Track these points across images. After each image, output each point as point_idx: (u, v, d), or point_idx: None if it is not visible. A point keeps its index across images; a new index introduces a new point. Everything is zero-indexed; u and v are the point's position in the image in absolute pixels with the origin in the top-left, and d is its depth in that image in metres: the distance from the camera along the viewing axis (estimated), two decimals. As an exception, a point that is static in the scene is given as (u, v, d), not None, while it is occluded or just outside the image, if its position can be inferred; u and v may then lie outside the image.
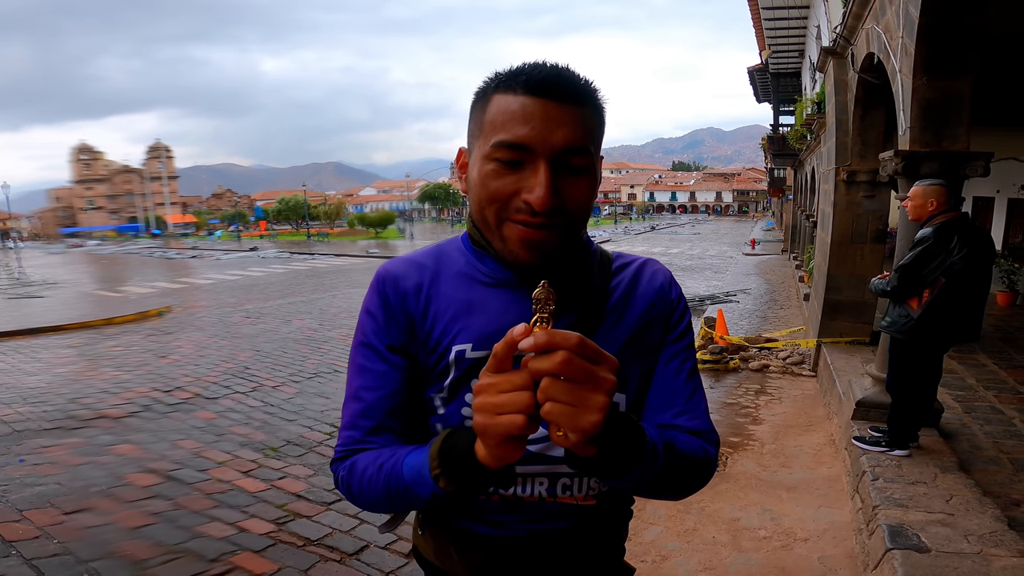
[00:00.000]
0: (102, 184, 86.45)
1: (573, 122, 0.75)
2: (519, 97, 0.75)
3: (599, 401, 0.59)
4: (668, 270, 0.97)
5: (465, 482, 0.72)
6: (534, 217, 0.76)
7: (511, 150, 0.75)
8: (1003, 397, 4.66)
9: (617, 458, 0.68)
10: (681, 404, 0.90)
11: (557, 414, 0.59)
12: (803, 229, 14.89)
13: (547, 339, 0.58)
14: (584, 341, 0.59)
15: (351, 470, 0.85)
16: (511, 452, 0.65)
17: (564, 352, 0.58)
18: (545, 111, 0.74)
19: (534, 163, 0.75)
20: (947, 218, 3.18)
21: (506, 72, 0.78)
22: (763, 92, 22.59)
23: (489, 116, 0.78)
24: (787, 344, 7.09)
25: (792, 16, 14.14)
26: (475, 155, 0.81)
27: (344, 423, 0.89)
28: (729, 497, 3.57)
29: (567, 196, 0.77)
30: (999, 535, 2.54)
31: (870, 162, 5.60)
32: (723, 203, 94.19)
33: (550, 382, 0.58)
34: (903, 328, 3.28)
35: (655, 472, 0.74)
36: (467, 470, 0.70)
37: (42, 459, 4.35)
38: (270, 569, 2.96)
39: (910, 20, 3.54)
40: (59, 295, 15.02)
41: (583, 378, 0.58)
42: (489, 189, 0.78)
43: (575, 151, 0.76)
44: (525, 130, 0.74)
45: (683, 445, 0.83)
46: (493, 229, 0.81)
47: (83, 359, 7.87)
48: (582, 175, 0.78)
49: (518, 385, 0.60)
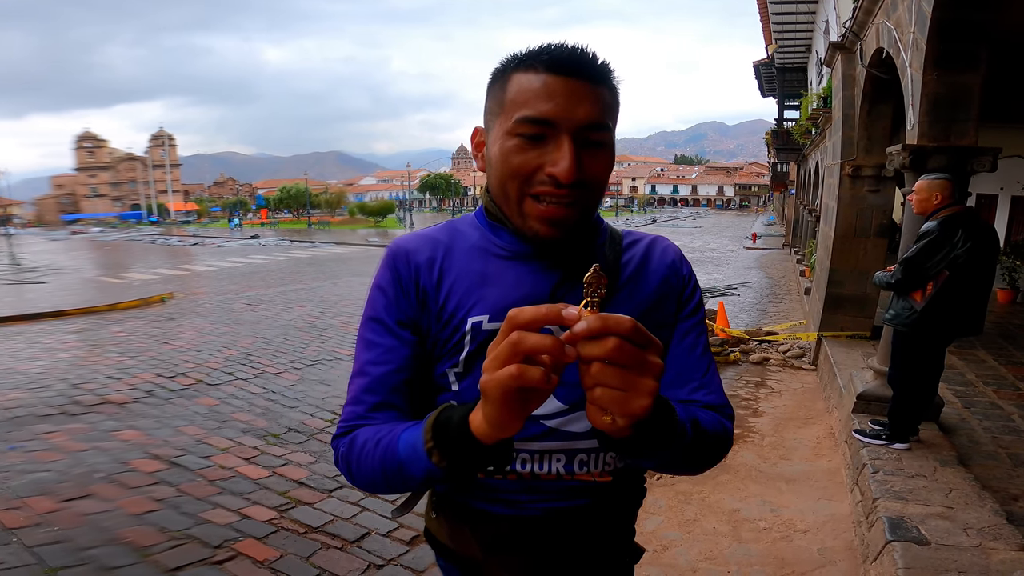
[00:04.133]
0: (105, 172, 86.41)
1: (593, 99, 0.78)
2: (541, 75, 0.77)
3: (649, 386, 0.58)
4: (677, 247, 0.99)
5: (459, 457, 0.69)
6: (559, 189, 0.77)
7: (535, 125, 0.77)
8: (1002, 393, 4.67)
9: (651, 438, 0.68)
10: (698, 379, 0.91)
11: (608, 400, 0.57)
12: (805, 224, 14.88)
13: (601, 324, 0.56)
14: (636, 326, 0.57)
15: (351, 445, 0.83)
16: (511, 417, 0.61)
17: (616, 339, 0.56)
18: (567, 88, 0.76)
19: (557, 138, 0.77)
20: (952, 212, 3.18)
21: (526, 52, 0.80)
22: (768, 86, 22.47)
23: (510, 94, 0.79)
24: (787, 337, 7.11)
25: (800, 11, 14.04)
26: (495, 132, 0.82)
27: (349, 398, 0.88)
28: (729, 488, 3.59)
29: (588, 170, 0.79)
30: (998, 529, 2.56)
31: (875, 157, 5.59)
32: (725, 197, 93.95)
33: (601, 368, 0.57)
34: (906, 321, 3.29)
35: (682, 450, 0.75)
36: (461, 444, 0.67)
37: (44, 445, 4.37)
38: (272, 556, 2.98)
39: (922, 15, 3.52)
40: (61, 281, 15.03)
41: (633, 363, 0.57)
42: (512, 164, 0.79)
43: (596, 127, 0.78)
44: (549, 106, 0.76)
45: (705, 422, 0.84)
46: (514, 204, 0.82)
47: (87, 344, 7.88)
48: (602, 150, 0.81)
49: (518, 341, 0.57)
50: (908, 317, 3.28)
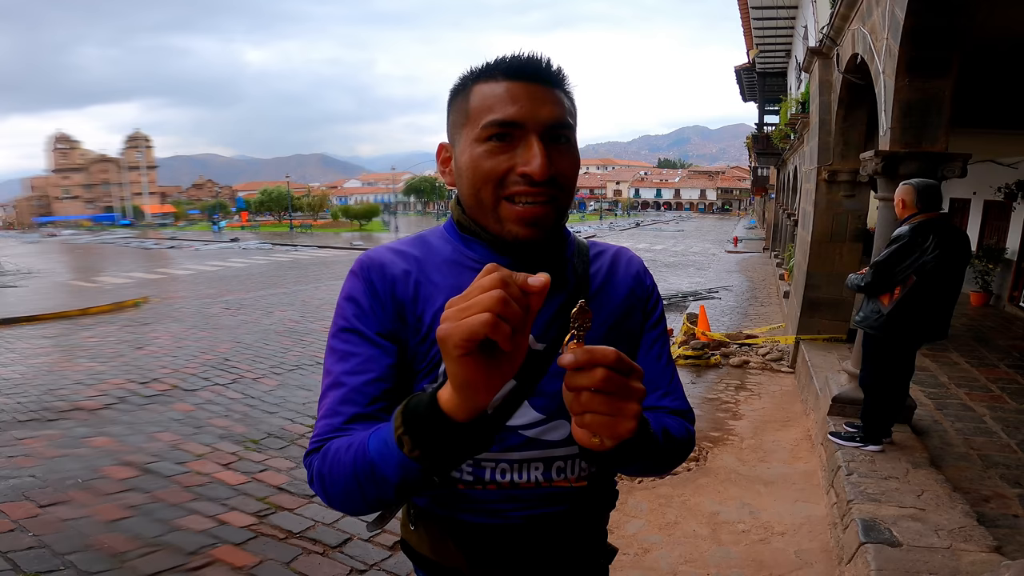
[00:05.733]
0: (79, 173, 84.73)
1: (554, 100, 0.82)
2: (502, 83, 0.81)
3: (633, 409, 0.62)
4: (640, 258, 1.03)
5: (432, 441, 0.64)
6: (533, 187, 0.80)
7: (503, 127, 0.80)
8: (974, 395, 4.77)
9: (631, 452, 0.72)
10: (664, 386, 0.97)
11: (597, 425, 0.62)
12: (784, 228, 15.08)
13: (588, 357, 0.60)
14: (620, 356, 0.61)
15: (323, 458, 0.77)
16: (475, 373, 0.58)
17: (604, 369, 0.60)
18: (529, 91, 0.81)
19: (526, 138, 0.80)
20: (925, 218, 3.24)
21: (484, 65, 0.84)
22: (749, 91, 22.77)
23: (475, 104, 0.82)
24: (767, 341, 7.19)
25: (780, 16, 14.26)
26: (463, 143, 0.84)
27: (322, 413, 0.82)
28: (709, 491, 3.61)
29: (558, 167, 0.82)
30: (968, 530, 2.61)
31: (851, 162, 5.68)
32: (707, 201, 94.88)
33: (589, 396, 0.60)
34: (874, 324, 3.35)
35: (654, 457, 0.80)
36: (432, 424, 0.63)
37: (17, 451, 4.27)
38: (251, 562, 2.94)
39: (895, 21, 3.58)
40: (34, 285, 14.70)
41: (618, 390, 0.61)
42: (483, 169, 0.81)
43: (560, 125, 0.82)
44: (514, 108, 0.79)
45: (673, 429, 0.89)
46: (489, 210, 0.83)
47: (58, 350, 7.72)
48: (568, 148, 0.84)
49: (487, 287, 0.56)
50: (876, 320, 3.34)
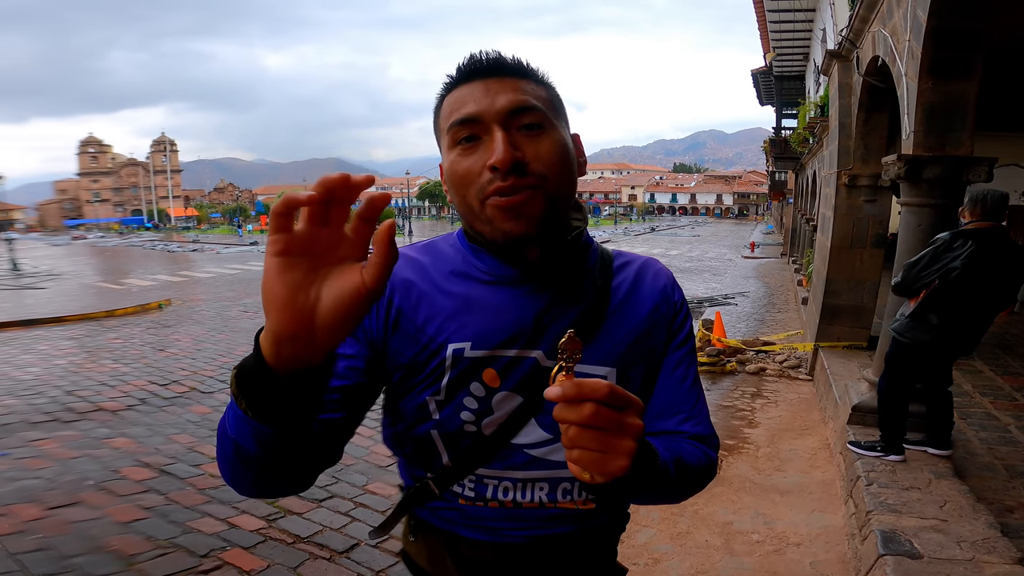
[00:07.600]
0: (108, 177, 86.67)
1: (513, 88, 0.80)
2: (461, 88, 0.81)
3: (627, 447, 0.58)
4: (669, 271, 0.96)
5: (257, 392, 0.57)
6: (505, 180, 0.76)
7: (465, 125, 0.79)
8: (999, 404, 4.65)
9: (632, 486, 0.66)
10: (687, 411, 0.90)
11: (587, 461, 0.58)
12: (803, 233, 14.88)
13: (576, 391, 0.56)
14: (613, 390, 0.57)
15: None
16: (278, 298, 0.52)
17: (592, 404, 0.56)
18: (485, 87, 0.79)
19: (489, 132, 0.78)
20: (976, 227, 3.11)
21: (448, 78, 0.84)
22: (766, 95, 22.55)
23: (443, 115, 0.83)
24: (784, 348, 7.08)
25: (797, 19, 14.10)
26: (444, 156, 0.84)
27: None
28: (723, 500, 3.56)
29: (530, 154, 0.78)
30: (992, 542, 2.53)
31: (872, 166, 5.58)
32: (723, 205, 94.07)
33: (578, 431, 0.57)
34: (895, 326, 3.29)
35: (662, 489, 0.74)
36: (254, 371, 0.56)
37: (33, 452, 4.34)
38: (259, 566, 2.95)
39: (918, 23, 3.51)
40: (61, 286, 15.03)
41: (611, 426, 0.57)
42: (459, 174, 0.80)
43: (522, 110, 0.78)
44: (471, 105, 0.79)
45: (690, 456, 0.83)
46: (477, 214, 0.81)
47: (82, 351, 7.86)
48: (540, 133, 0.80)
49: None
50: (898, 322, 3.27)
